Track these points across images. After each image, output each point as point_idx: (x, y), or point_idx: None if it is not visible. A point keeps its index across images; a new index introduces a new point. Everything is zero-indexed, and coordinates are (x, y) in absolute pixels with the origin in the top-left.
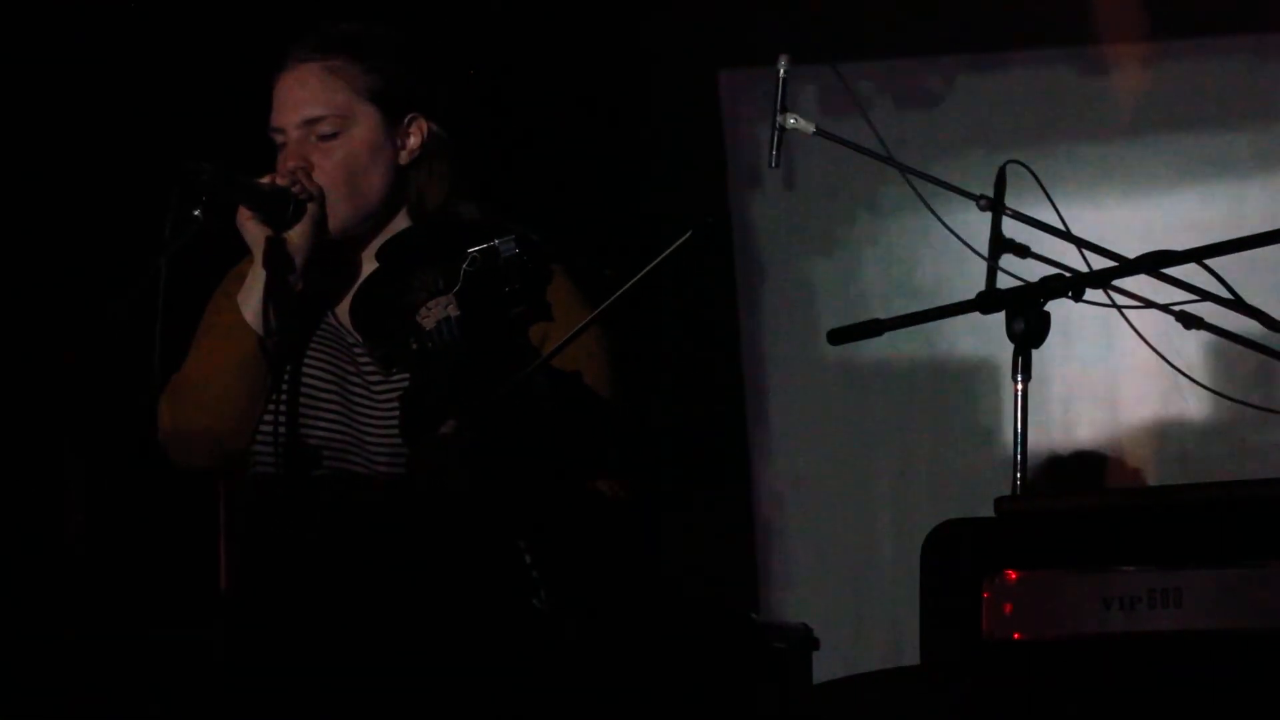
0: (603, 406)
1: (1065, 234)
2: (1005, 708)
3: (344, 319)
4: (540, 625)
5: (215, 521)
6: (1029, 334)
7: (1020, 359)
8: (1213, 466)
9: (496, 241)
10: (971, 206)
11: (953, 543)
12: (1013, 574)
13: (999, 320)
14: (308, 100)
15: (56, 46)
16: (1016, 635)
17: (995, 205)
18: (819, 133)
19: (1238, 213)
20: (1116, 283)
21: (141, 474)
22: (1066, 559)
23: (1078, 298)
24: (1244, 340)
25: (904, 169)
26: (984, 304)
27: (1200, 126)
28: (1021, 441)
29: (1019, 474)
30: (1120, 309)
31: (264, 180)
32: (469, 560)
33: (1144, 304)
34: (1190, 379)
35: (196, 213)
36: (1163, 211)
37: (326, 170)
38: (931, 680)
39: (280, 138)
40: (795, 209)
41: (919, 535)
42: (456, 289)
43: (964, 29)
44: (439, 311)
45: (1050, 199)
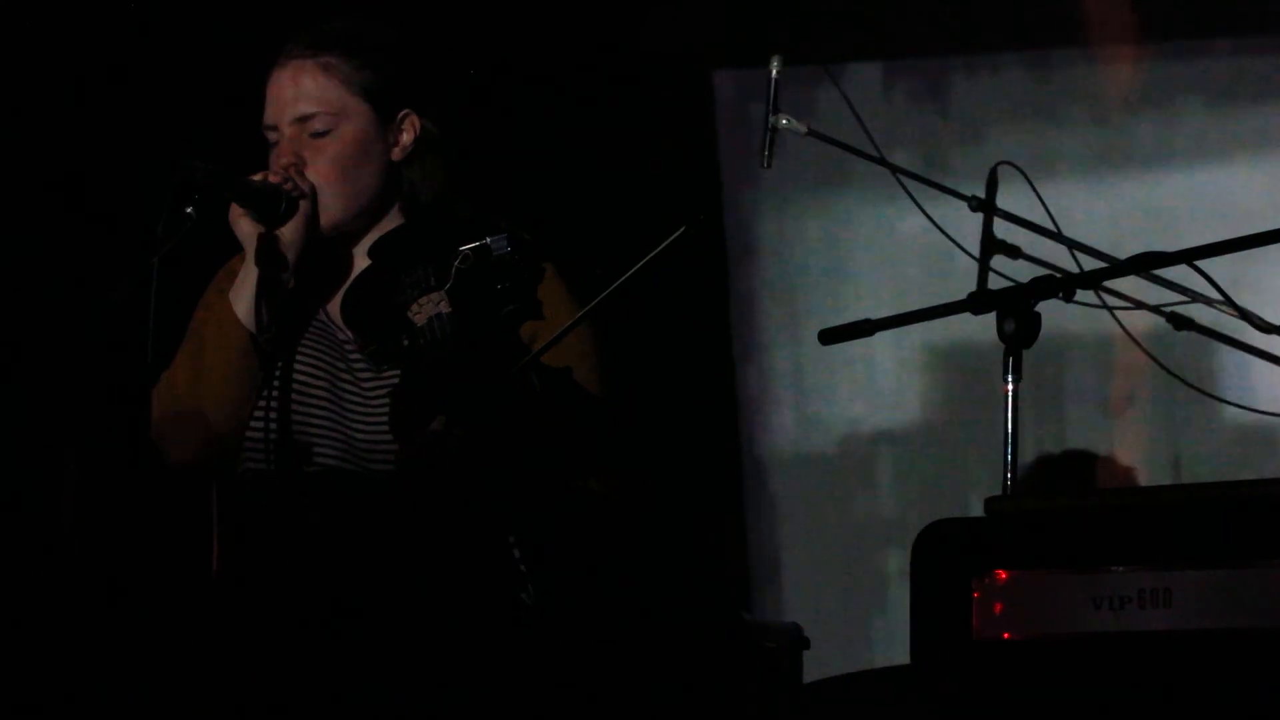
0: (593, 404)
1: (1056, 235)
2: (995, 707)
3: (335, 316)
4: (529, 621)
5: (207, 517)
6: (1020, 334)
7: (1011, 359)
8: (1202, 467)
9: (488, 239)
10: (963, 207)
11: (943, 542)
12: (1003, 574)
13: (990, 321)
14: (300, 97)
15: (50, 44)
16: (1006, 635)
17: (986, 206)
18: (811, 133)
19: (1230, 214)
20: (1107, 284)
21: (134, 470)
22: (1057, 559)
23: (1068, 298)
24: (1234, 341)
25: (895, 169)
26: (975, 304)
27: (1192, 127)
28: (1012, 442)
29: (1009, 474)
30: (1111, 310)
31: (256, 178)
32: (458, 556)
33: (1135, 305)
34: (1180, 379)
35: (189, 210)
36: (1154, 212)
37: (319, 167)
38: (921, 680)
39: (273, 135)
40: (787, 209)
41: (909, 535)
42: (448, 286)
43: (956, 30)
44: (430, 308)
45: (1041, 200)
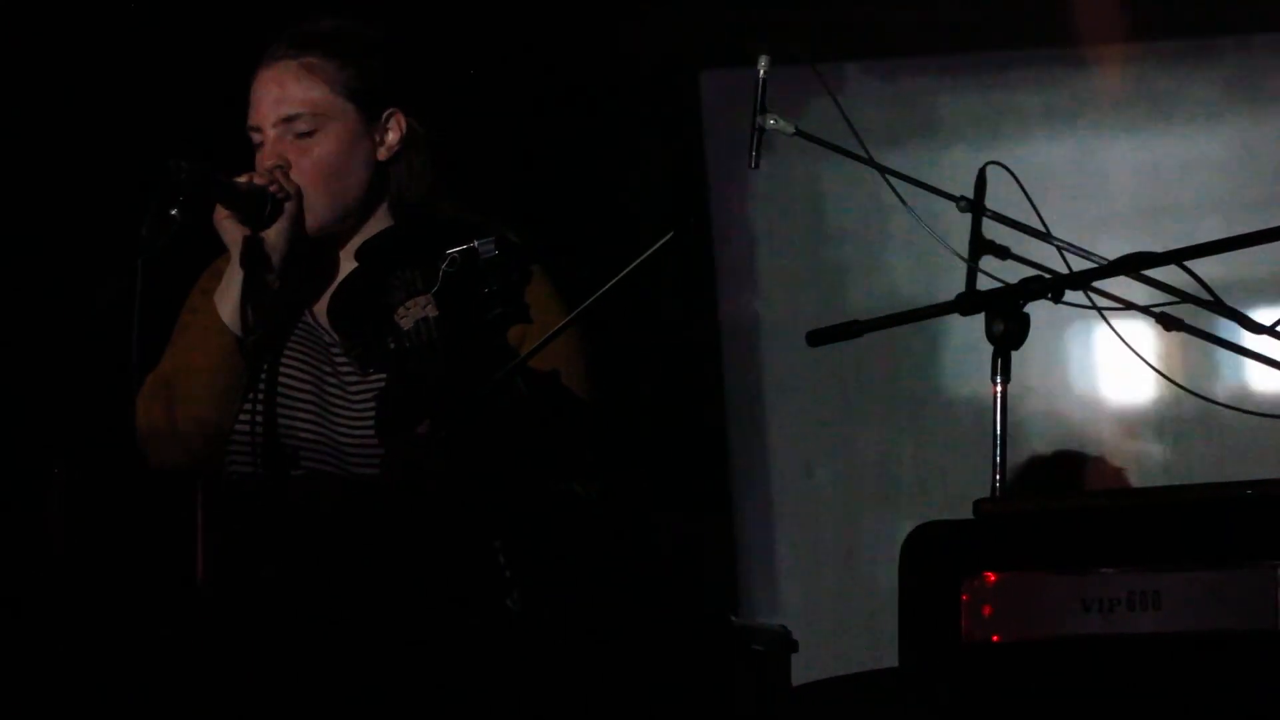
0: (580, 407)
1: (1045, 235)
2: (984, 710)
3: (321, 318)
4: (514, 626)
5: (192, 520)
6: (1008, 335)
7: (1000, 360)
8: (1193, 469)
9: (476, 243)
10: (951, 207)
11: (932, 544)
12: (992, 576)
13: (979, 322)
14: (284, 98)
15: (35, 44)
16: (995, 637)
17: (975, 206)
18: (799, 133)
19: (1220, 213)
20: (1096, 284)
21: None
22: (1045, 561)
23: (1057, 299)
24: (1224, 342)
25: (884, 170)
26: (963, 305)
27: (1183, 128)
28: (1001, 443)
29: (998, 476)
30: (1100, 310)
31: (241, 179)
32: (444, 560)
33: (1124, 306)
34: (1170, 381)
35: (174, 211)
36: (1144, 213)
37: (304, 168)
38: (910, 682)
39: (258, 136)
40: (775, 210)
41: (898, 537)
42: (435, 289)
43: (945, 30)
44: (417, 311)
45: (1030, 200)
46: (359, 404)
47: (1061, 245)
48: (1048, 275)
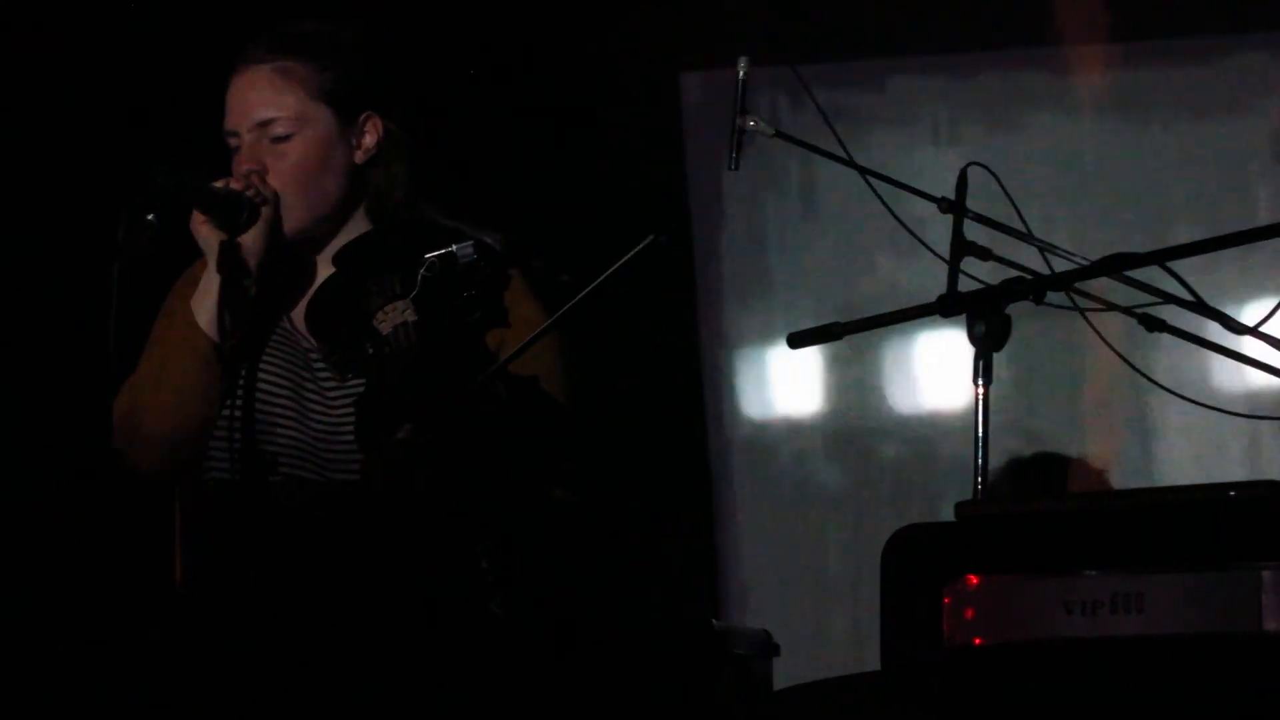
0: (560, 412)
1: (1027, 236)
2: (967, 713)
3: (299, 324)
4: (497, 631)
5: (170, 527)
6: (990, 337)
7: (981, 362)
8: (1175, 470)
9: (454, 247)
10: (932, 209)
11: (913, 547)
12: (974, 579)
13: (960, 323)
14: (260, 103)
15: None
16: (978, 640)
17: (956, 208)
18: (779, 134)
19: (1203, 214)
20: (1078, 285)
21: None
22: (1028, 563)
23: (1039, 300)
24: (1206, 343)
25: (865, 171)
26: (944, 307)
27: (1164, 128)
28: (983, 445)
29: (980, 478)
30: (1082, 311)
31: (218, 184)
32: (426, 565)
33: (1106, 306)
34: (1153, 381)
35: (151, 217)
36: (1125, 214)
37: (281, 173)
38: (893, 686)
39: (234, 141)
40: (756, 212)
41: (880, 540)
42: (414, 294)
43: (927, 30)
44: (396, 316)
45: (1012, 201)
46: (338, 409)
47: (1043, 246)
48: (1029, 276)
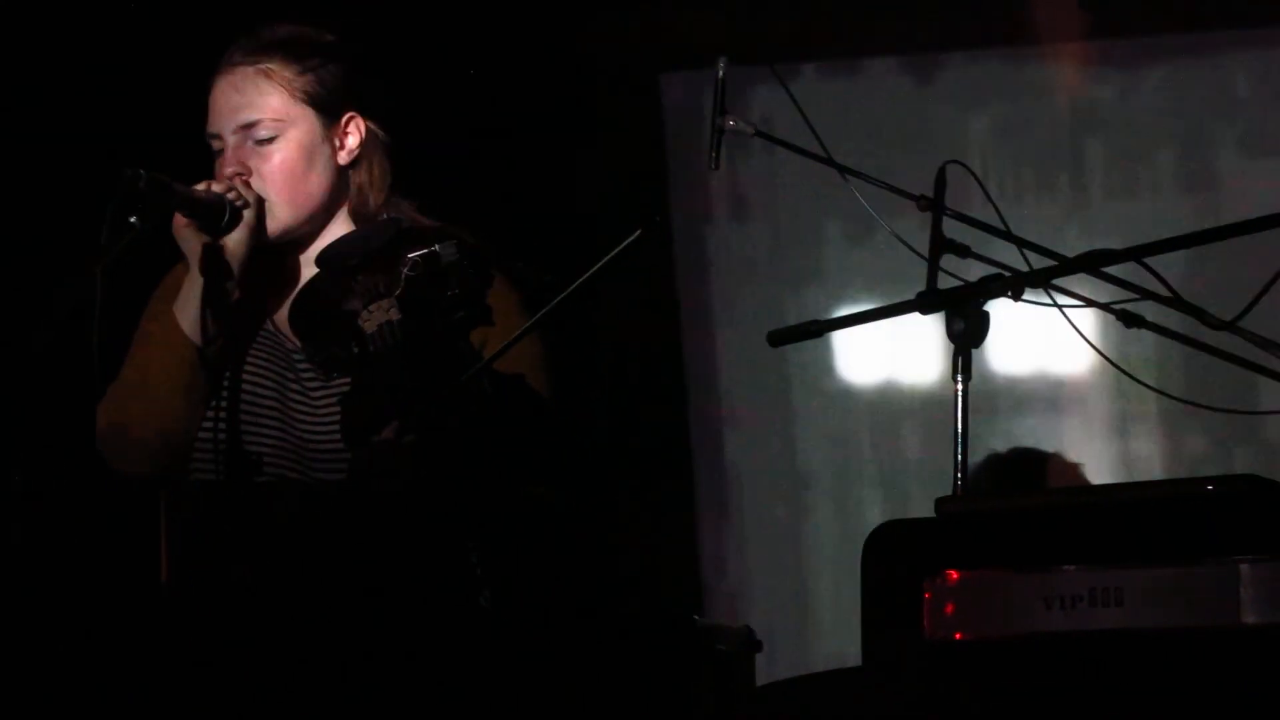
0: (545, 409)
1: (1005, 234)
2: (947, 708)
3: (283, 325)
4: (487, 625)
5: (156, 528)
6: (969, 334)
7: (960, 359)
8: (1154, 465)
9: (437, 246)
10: (911, 207)
11: (894, 543)
12: (954, 574)
13: (939, 320)
14: (243, 105)
15: None
16: (958, 635)
17: (935, 205)
18: (758, 134)
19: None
20: (1057, 282)
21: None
22: (1007, 559)
23: (1017, 297)
24: (1184, 338)
25: (843, 170)
26: (923, 304)
27: (1142, 126)
28: (962, 442)
29: (959, 474)
30: (1061, 308)
31: (200, 187)
32: (415, 561)
33: (1085, 303)
34: (1131, 377)
35: (133, 219)
36: (1103, 210)
37: (265, 175)
38: (874, 681)
39: (217, 143)
40: (736, 211)
41: (860, 536)
42: (397, 293)
43: (904, 30)
44: (380, 315)
45: (990, 199)
46: (323, 409)
47: (1021, 243)
48: (1007, 273)
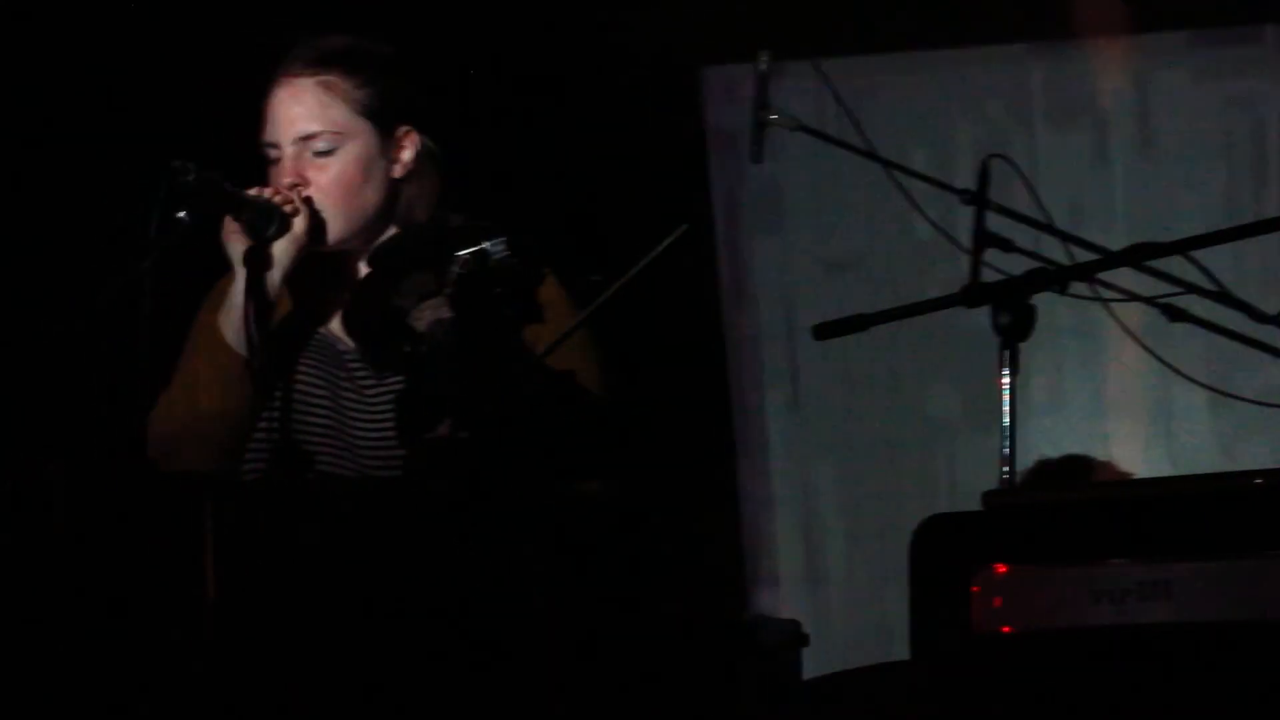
0: (597, 406)
1: (1049, 228)
2: (995, 701)
3: (335, 331)
4: (539, 623)
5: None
6: (1015, 327)
7: (1007, 353)
8: (1200, 459)
9: (487, 244)
10: (955, 200)
11: (941, 537)
12: (1001, 567)
13: (985, 314)
14: (303, 116)
15: (37, 44)
16: (1005, 628)
17: (978, 199)
18: (801, 128)
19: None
20: (1101, 276)
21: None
22: (1055, 552)
23: (1063, 291)
24: (1230, 332)
25: (887, 164)
26: (968, 298)
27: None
28: (1010, 435)
29: (1007, 468)
30: (1105, 302)
31: (252, 192)
32: (466, 560)
33: (1129, 297)
34: (1176, 371)
35: (182, 214)
36: (1147, 206)
37: (322, 186)
38: (921, 675)
39: (274, 153)
40: (779, 205)
41: (907, 530)
42: (448, 291)
43: (950, 23)
44: (431, 314)
45: (1034, 192)
46: (376, 407)
47: (1065, 237)
48: (1052, 267)
